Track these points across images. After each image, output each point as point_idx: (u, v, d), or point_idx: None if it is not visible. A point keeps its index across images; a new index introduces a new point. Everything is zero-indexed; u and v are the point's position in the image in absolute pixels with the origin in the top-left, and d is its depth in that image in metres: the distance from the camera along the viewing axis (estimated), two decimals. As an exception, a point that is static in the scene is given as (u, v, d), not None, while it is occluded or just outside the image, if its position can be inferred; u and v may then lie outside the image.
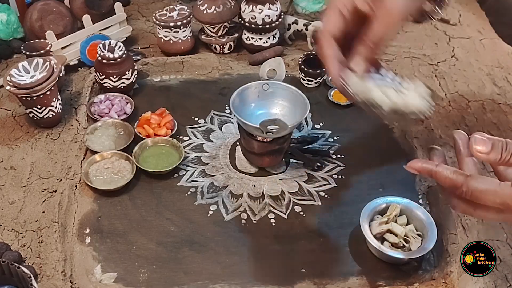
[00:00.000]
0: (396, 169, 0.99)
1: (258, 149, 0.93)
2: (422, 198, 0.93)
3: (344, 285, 0.80)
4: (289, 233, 0.88)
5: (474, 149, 0.60)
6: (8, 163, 0.96)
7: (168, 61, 1.20)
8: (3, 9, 1.21)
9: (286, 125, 0.87)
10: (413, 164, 0.63)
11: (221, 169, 0.98)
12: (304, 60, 1.15)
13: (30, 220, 0.86)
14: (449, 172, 0.60)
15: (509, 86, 1.15)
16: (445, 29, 1.34)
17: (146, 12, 1.41)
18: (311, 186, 0.95)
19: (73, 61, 1.18)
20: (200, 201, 0.93)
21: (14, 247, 0.82)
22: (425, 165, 0.63)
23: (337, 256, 0.84)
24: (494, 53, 1.26)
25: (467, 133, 1.03)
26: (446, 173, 0.60)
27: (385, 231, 0.83)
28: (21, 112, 1.06)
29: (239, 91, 0.96)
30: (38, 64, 0.99)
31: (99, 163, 0.96)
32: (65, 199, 0.90)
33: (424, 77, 1.17)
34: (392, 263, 0.82)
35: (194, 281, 0.80)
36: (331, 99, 1.13)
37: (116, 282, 0.80)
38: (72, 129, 1.03)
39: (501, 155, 0.59)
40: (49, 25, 1.19)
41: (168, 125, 1.03)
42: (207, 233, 0.87)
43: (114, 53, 1.06)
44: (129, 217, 0.90)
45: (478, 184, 0.58)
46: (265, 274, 0.82)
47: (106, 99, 1.08)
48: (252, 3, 1.19)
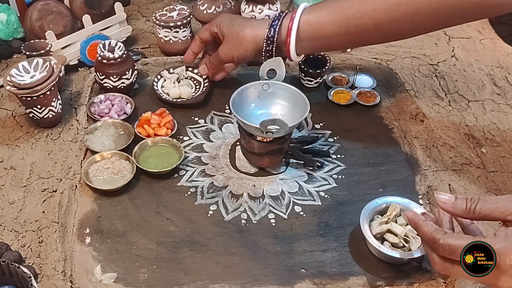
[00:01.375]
0: (396, 169, 0.99)
1: (258, 149, 0.93)
2: (422, 198, 0.93)
3: (344, 285, 0.80)
4: (289, 233, 0.88)
5: (439, 201, 0.65)
6: (8, 163, 0.96)
7: (168, 61, 1.21)
8: (3, 9, 1.21)
9: (286, 125, 0.87)
10: (407, 213, 0.71)
11: (221, 169, 0.98)
12: (304, 60, 1.15)
13: (30, 220, 0.86)
14: (430, 227, 0.65)
15: (509, 86, 1.16)
16: (445, 29, 1.34)
17: (146, 12, 1.41)
18: (311, 186, 0.95)
19: (73, 61, 1.18)
20: (200, 201, 0.93)
21: (14, 247, 0.82)
22: (415, 216, 0.69)
23: (337, 256, 0.84)
24: (494, 53, 1.26)
25: (467, 133, 1.03)
26: (428, 228, 0.65)
27: (385, 231, 0.83)
28: (21, 112, 1.06)
29: (239, 91, 0.96)
30: (38, 64, 0.99)
31: (99, 163, 0.96)
32: (65, 199, 0.90)
33: (424, 77, 1.17)
34: (392, 263, 0.82)
35: (194, 281, 0.80)
36: (331, 99, 1.13)
37: (116, 282, 0.80)
38: (72, 129, 1.03)
39: (466, 205, 0.64)
40: (49, 25, 1.19)
41: (168, 125, 1.03)
42: (207, 233, 0.87)
43: (114, 53, 1.06)
44: (129, 217, 0.90)
45: (453, 240, 0.61)
46: (265, 274, 0.82)
47: (106, 99, 1.08)
48: (252, 3, 1.19)
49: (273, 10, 1.19)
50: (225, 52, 1.02)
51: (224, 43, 1.02)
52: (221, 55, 1.04)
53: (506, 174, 0.95)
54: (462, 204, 0.64)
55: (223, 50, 1.03)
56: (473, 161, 0.97)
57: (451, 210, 0.65)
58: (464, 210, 0.64)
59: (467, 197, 0.64)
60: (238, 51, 1.01)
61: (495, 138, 1.02)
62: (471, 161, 0.97)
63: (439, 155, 0.98)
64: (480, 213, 0.63)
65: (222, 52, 1.03)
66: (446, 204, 0.65)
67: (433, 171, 0.96)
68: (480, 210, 0.63)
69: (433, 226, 0.65)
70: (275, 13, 1.18)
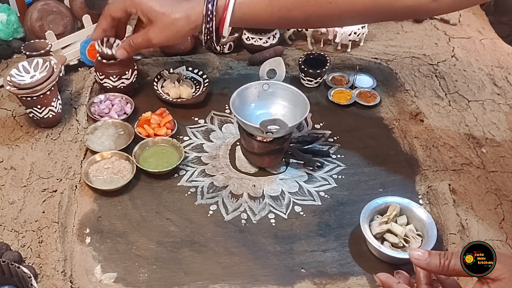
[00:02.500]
0: (396, 169, 0.99)
1: (258, 149, 0.93)
2: (422, 198, 0.93)
3: (344, 285, 0.80)
4: (289, 233, 0.88)
5: (412, 257, 0.64)
6: (8, 163, 0.96)
7: (168, 61, 1.21)
8: (3, 9, 1.21)
9: (286, 125, 0.87)
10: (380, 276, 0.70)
11: (221, 169, 0.98)
12: (304, 60, 1.15)
13: (30, 220, 0.86)
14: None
15: (509, 86, 1.16)
16: (445, 29, 1.34)
17: (146, 12, 1.41)
18: (311, 186, 0.95)
19: (73, 61, 1.18)
20: (200, 201, 0.93)
21: (14, 247, 0.82)
22: (388, 279, 0.68)
23: (337, 256, 0.84)
24: (494, 53, 1.26)
25: (467, 133, 1.04)
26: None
27: (385, 231, 0.83)
28: (21, 112, 1.06)
29: (239, 91, 0.96)
30: (38, 64, 0.99)
31: (99, 163, 0.96)
32: (65, 199, 0.90)
33: (424, 77, 1.17)
34: (392, 263, 0.82)
35: (194, 281, 0.80)
36: (331, 99, 1.13)
37: (116, 282, 0.80)
38: (72, 129, 1.03)
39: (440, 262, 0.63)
40: (49, 25, 1.19)
41: (168, 125, 1.03)
42: (207, 233, 0.87)
43: (112, 49, 1.04)
44: (129, 217, 0.90)
45: None
46: (265, 274, 0.82)
47: (106, 99, 1.08)
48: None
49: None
50: (157, 36, 0.96)
51: (153, 26, 0.95)
52: (151, 39, 0.96)
53: (506, 174, 0.95)
54: (436, 261, 0.63)
55: (153, 33, 0.96)
56: (473, 161, 0.97)
57: (425, 267, 0.64)
58: (438, 266, 0.63)
59: (441, 252, 0.63)
60: (172, 33, 0.95)
61: (495, 138, 1.02)
62: (471, 161, 0.97)
63: (439, 155, 0.98)
64: (454, 269, 0.62)
65: (153, 35, 0.96)
66: (420, 261, 0.64)
67: (433, 171, 0.96)
68: (454, 266, 0.62)
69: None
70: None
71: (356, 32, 1.23)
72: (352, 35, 1.23)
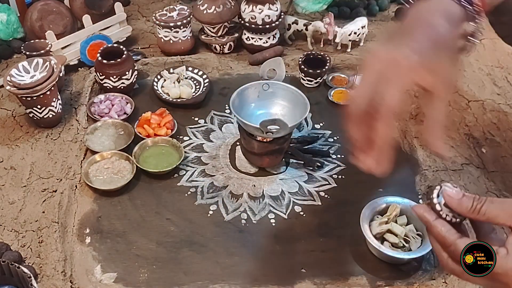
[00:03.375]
0: (396, 169, 0.98)
1: (258, 149, 0.93)
2: (422, 198, 0.93)
3: (344, 285, 0.80)
4: (289, 233, 0.87)
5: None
6: (8, 163, 0.96)
7: (168, 61, 1.20)
8: (3, 9, 1.21)
9: (286, 125, 0.87)
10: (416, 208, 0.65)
11: (221, 169, 0.98)
12: (304, 60, 1.15)
13: (30, 220, 0.86)
14: (444, 229, 0.62)
15: (509, 86, 1.15)
16: (445, 29, 1.34)
17: (146, 12, 1.41)
18: (311, 186, 0.95)
19: (73, 61, 1.18)
20: (200, 201, 0.93)
21: (14, 247, 0.82)
22: (426, 214, 0.64)
23: (337, 256, 0.84)
24: (494, 53, 1.26)
25: (467, 133, 1.03)
26: (441, 229, 0.62)
27: (385, 231, 0.83)
28: (21, 112, 1.06)
29: (239, 91, 0.96)
30: (38, 64, 0.99)
31: (99, 163, 0.96)
32: (65, 199, 0.90)
33: (424, 77, 1.17)
34: (392, 263, 0.82)
35: (194, 281, 0.80)
36: (331, 99, 1.13)
37: (116, 282, 0.80)
38: (72, 129, 1.03)
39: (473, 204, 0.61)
40: (49, 25, 1.19)
41: (168, 125, 1.03)
42: (207, 233, 0.87)
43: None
44: (129, 217, 0.90)
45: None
46: (265, 274, 0.82)
47: (106, 99, 1.08)
48: (252, 3, 1.19)
49: (273, 10, 1.19)
50: None
51: None
52: None
53: (506, 174, 0.95)
54: (468, 202, 0.61)
55: None
56: (473, 161, 0.97)
57: (456, 206, 0.62)
58: (469, 208, 0.61)
59: (476, 195, 0.61)
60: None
61: (495, 138, 1.02)
62: (471, 161, 0.97)
63: (439, 155, 0.98)
64: (484, 215, 0.60)
65: None
66: (452, 199, 0.62)
67: (433, 171, 0.95)
68: (485, 212, 0.60)
69: (446, 227, 0.62)
70: (274, 13, 1.19)
71: (356, 32, 1.23)
72: (352, 35, 1.23)
